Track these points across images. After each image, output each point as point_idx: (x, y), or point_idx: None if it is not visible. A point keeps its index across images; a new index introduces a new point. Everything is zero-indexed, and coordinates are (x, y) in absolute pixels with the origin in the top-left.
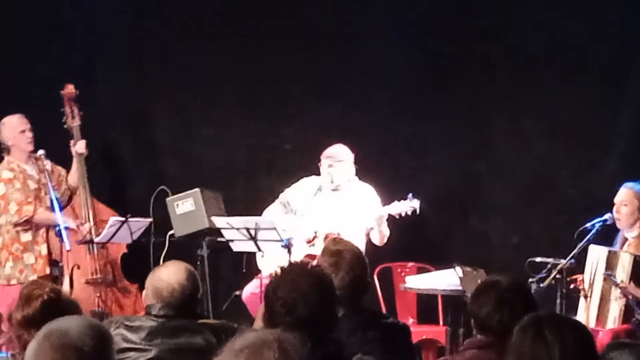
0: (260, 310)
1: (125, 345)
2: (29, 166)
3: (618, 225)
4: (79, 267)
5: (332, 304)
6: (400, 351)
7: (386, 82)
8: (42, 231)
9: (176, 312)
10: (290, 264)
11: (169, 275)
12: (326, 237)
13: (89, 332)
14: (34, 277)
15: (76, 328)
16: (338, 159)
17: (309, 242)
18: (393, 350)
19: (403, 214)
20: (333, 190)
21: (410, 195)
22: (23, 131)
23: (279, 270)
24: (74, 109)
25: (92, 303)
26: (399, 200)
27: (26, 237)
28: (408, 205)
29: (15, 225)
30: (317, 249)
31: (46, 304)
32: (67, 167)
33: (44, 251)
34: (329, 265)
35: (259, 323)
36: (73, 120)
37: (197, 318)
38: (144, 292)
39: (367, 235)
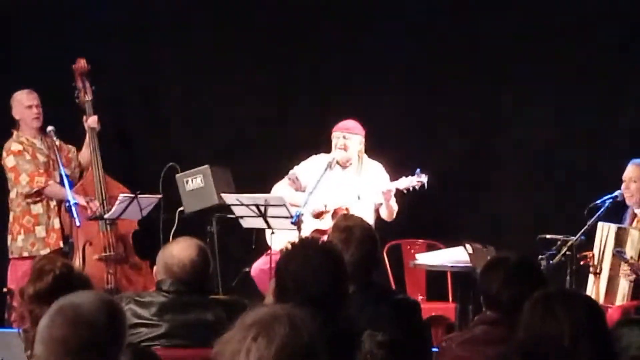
0: (271, 286)
1: (135, 320)
2: (38, 141)
3: (627, 201)
4: (90, 244)
5: (344, 279)
6: (411, 327)
7: (397, 60)
8: (54, 205)
9: (187, 288)
10: (302, 239)
11: (180, 251)
12: (335, 213)
13: (102, 307)
14: (46, 250)
15: (88, 303)
16: (352, 131)
17: (318, 215)
18: (403, 326)
19: (411, 189)
20: (342, 166)
21: (418, 170)
22: (30, 106)
23: (289, 246)
24: (86, 84)
25: (104, 280)
26: (407, 176)
27: (37, 209)
28: (416, 180)
29: (27, 196)
30: (326, 224)
31: (58, 278)
32: (78, 144)
33: (57, 225)
34: (339, 241)
35: (269, 298)
36: (85, 96)
37: (208, 294)
38: (154, 268)
39: (377, 211)
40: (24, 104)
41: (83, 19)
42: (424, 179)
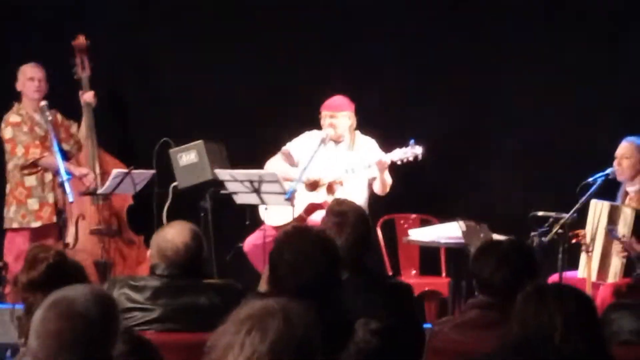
0: (265, 273)
1: (129, 305)
2: (37, 115)
3: (619, 178)
4: (83, 218)
5: (337, 267)
6: (404, 312)
7: (389, 33)
8: (50, 179)
9: (181, 272)
10: (295, 227)
11: (173, 235)
12: (329, 186)
13: (95, 302)
14: (37, 223)
15: (82, 297)
16: (338, 109)
17: (313, 185)
18: (396, 312)
19: (405, 160)
20: (335, 141)
21: (412, 141)
22: (32, 78)
23: (283, 234)
24: (85, 60)
25: (97, 253)
26: (400, 148)
27: (30, 181)
28: (410, 152)
29: (23, 168)
30: (321, 197)
31: (51, 267)
32: (75, 118)
33: (51, 199)
34: (333, 225)
35: (263, 286)
36: (83, 71)
37: (202, 278)
38: (148, 252)
39: (370, 186)
40: (27, 75)
41: None
42: (418, 150)
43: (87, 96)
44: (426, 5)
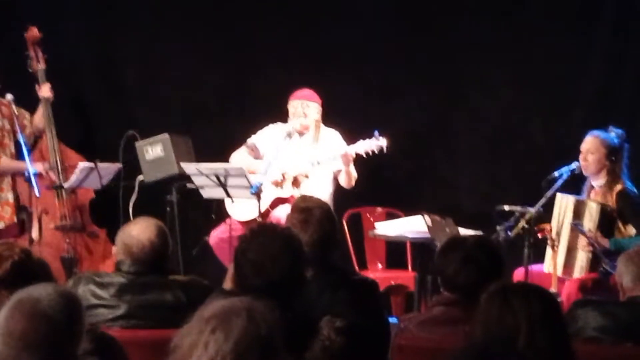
0: (230, 271)
1: (94, 301)
2: None
3: (585, 172)
4: (47, 213)
5: (302, 266)
6: (369, 309)
7: (356, 28)
8: (9, 178)
9: (146, 269)
10: (259, 225)
11: (139, 232)
12: (294, 180)
13: (61, 302)
14: (0, 224)
15: (47, 297)
16: (310, 99)
17: (277, 184)
18: (362, 309)
19: (370, 152)
20: (300, 133)
21: (376, 132)
22: None
23: (247, 233)
24: (38, 53)
25: (62, 248)
26: (364, 139)
27: None
28: (375, 144)
29: None
30: (287, 192)
31: (16, 264)
32: (31, 111)
33: (11, 199)
34: (298, 222)
35: (228, 283)
36: (38, 64)
37: (168, 274)
38: (113, 248)
39: (335, 179)
40: None
41: None
42: (382, 142)
43: (44, 90)
44: (394, 1)
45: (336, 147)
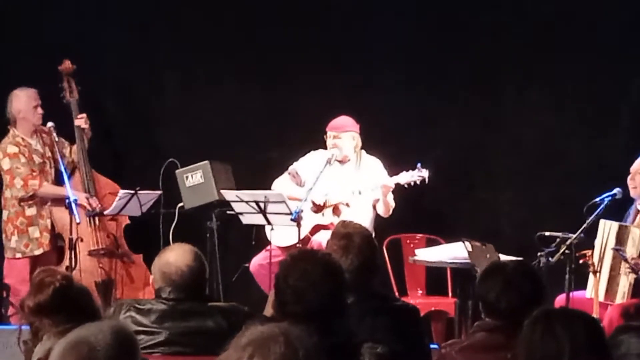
0: (270, 297)
1: (135, 328)
2: (34, 140)
3: (632, 194)
4: (82, 240)
5: (342, 292)
6: (410, 335)
7: (393, 53)
8: (48, 205)
9: (186, 295)
10: (300, 251)
11: (176, 258)
12: (335, 208)
13: (115, 342)
14: (39, 250)
15: (103, 340)
16: (343, 129)
17: (318, 208)
18: (403, 336)
19: (412, 184)
20: (340, 162)
21: (419, 164)
22: (36, 106)
23: (288, 259)
24: (72, 84)
25: (96, 274)
26: (407, 170)
27: (31, 211)
28: (417, 175)
29: (21, 200)
30: (327, 219)
31: (58, 291)
32: (70, 140)
33: (49, 225)
34: (338, 248)
35: (269, 310)
36: (71, 95)
37: (207, 301)
38: (151, 277)
39: (375, 207)
40: (32, 103)
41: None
42: (425, 173)
43: (79, 121)
44: (431, 27)
45: (377, 177)
